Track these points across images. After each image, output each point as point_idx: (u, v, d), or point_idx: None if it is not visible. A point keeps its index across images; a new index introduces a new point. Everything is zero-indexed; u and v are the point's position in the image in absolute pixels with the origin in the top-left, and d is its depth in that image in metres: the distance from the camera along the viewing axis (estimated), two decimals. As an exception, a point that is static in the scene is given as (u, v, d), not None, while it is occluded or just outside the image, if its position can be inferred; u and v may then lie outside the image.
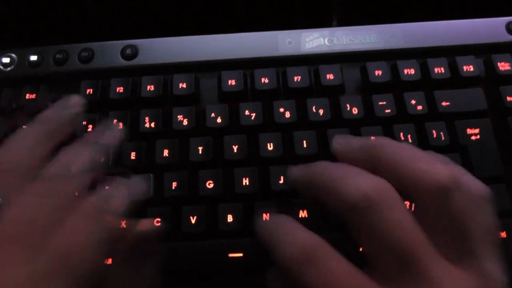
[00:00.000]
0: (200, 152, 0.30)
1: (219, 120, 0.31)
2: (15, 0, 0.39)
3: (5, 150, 0.23)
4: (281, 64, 0.33)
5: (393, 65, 0.32)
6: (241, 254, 0.28)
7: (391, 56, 0.33)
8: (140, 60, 0.33)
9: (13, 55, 0.34)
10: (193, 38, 0.34)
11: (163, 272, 0.28)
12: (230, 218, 0.28)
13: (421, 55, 0.33)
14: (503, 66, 0.32)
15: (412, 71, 0.32)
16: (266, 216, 0.25)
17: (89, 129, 0.30)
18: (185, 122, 0.31)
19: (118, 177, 0.22)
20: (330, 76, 0.32)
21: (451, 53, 0.32)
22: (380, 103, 0.31)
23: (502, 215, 0.22)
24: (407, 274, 0.18)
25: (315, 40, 0.34)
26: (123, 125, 0.26)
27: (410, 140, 0.30)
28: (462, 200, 0.20)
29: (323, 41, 0.34)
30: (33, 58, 0.34)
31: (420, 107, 0.31)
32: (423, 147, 0.29)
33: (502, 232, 0.27)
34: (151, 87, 0.32)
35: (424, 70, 0.32)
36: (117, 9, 0.40)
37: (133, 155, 0.30)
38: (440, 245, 0.19)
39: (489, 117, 0.31)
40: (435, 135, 0.30)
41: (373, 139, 0.23)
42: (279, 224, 0.22)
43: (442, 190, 0.19)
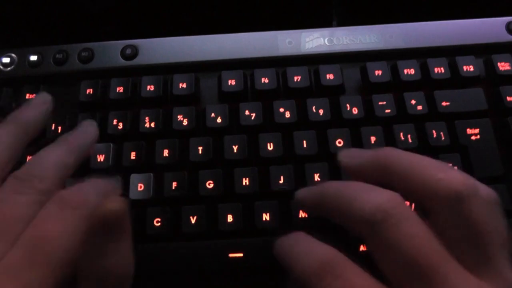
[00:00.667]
0: (200, 152, 0.30)
1: (219, 120, 0.31)
2: (15, 0, 0.39)
3: None
4: (281, 64, 0.33)
5: (393, 65, 0.32)
6: (241, 254, 0.28)
7: (391, 56, 0.33)
8: (140, 60, 0.33)
9: (13, 55, 0.34)
10: (193, 38, 0.34)
11: (163, 272, 0.28)
12: (230, 218, 0.28)
13: (421, 55, 0.33)
14: (503, 66, 0.32)
15: (412, 71, 0.32)
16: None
17: (59, 129, 0.31)
18: (185, 122, 0.31)
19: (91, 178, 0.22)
20: (330, 76, 0.32)
21: (451, 53, 0.32)
22: (380, 103, 0.31)
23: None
24: (427, 287, 0.18)
25: (315, 40, 0.34)
26: (96, 125, 0.26)
27: (410, 140, 0.30)
28: (479, 206, 0.19)
29: (323, 41, 0.34)
30: (33, 58, 0.34)
31: (420, 107, 0.31)
32: (423, 147, 0.29)
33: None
34: (151, 87, 0.32)
35: (424, 70, 0.32)
36: (117, 9, 0.40)
37: (133, 155, 0.30)
38: (458, 255, 0.19)
39: (489, 117, 0.31)
40: (435, 135, 0.30)
41: (381, 150, 0.23)
42: (299, 239, 0.22)
43: (459, 197, 0.19)
